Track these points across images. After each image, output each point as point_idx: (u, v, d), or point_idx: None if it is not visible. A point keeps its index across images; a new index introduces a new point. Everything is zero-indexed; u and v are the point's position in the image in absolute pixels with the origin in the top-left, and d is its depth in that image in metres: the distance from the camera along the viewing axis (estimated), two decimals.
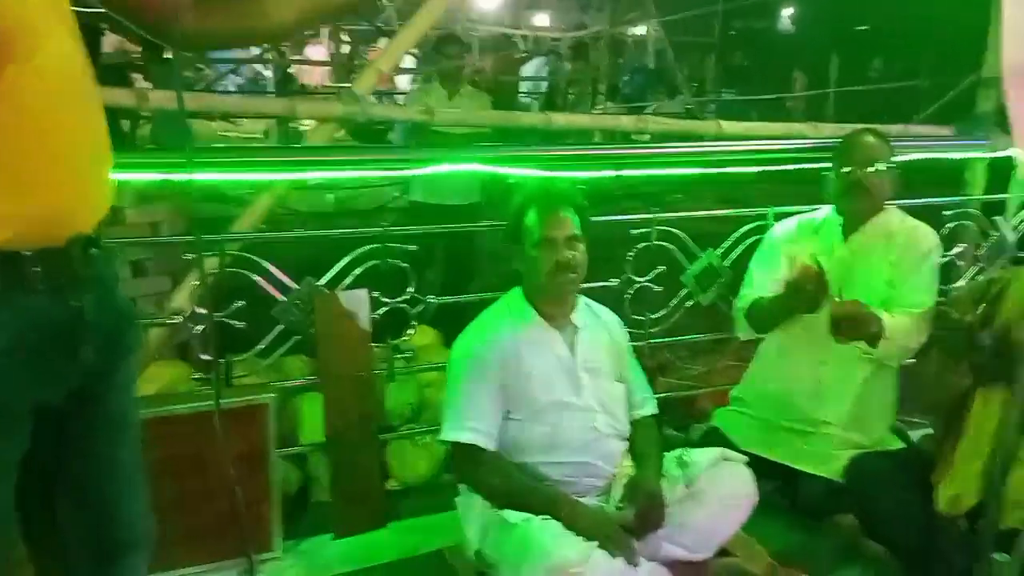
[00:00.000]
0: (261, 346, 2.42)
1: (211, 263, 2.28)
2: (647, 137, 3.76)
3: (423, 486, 2.72)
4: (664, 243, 2.83)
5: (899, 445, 2.49)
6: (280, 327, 2.40)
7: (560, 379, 2.07)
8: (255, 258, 2.34)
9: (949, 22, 5.93)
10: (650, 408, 2.25)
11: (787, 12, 14.55)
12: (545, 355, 2.07)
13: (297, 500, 2.60)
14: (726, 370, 3.33)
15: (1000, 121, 3.02)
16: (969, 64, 3.21)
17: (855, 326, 2.22)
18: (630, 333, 2.30)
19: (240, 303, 2.33)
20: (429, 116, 2.46)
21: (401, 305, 2.55)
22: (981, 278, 2.41)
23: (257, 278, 2.34)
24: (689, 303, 2.92)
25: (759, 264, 2.65)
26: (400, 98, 8.34)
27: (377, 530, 2.45)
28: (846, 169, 2.45)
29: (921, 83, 6.39)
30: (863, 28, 10.85)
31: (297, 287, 2.39)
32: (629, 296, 2.81)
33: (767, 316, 2.53)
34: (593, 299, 2.26)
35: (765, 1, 12.94)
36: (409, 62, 9.28)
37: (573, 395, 2.06)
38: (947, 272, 3.09)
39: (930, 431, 2.41)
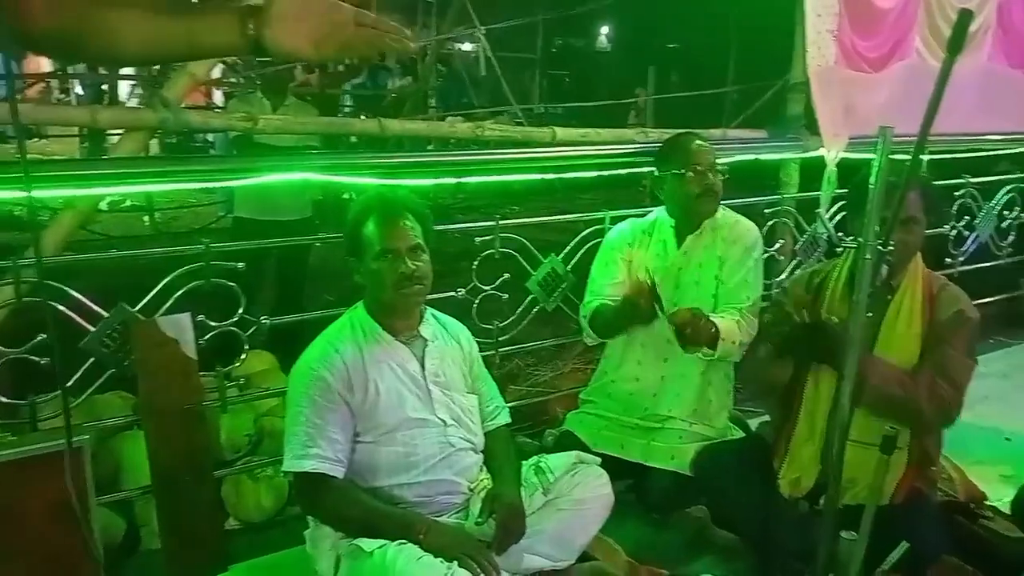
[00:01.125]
0: (69, 384, 2.14)
1: (5, 293, 2.00)
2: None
3: (267, 522, 2.53)
4: (508, 251, 2.81)
5: (740, 434, 2.60)
6: (91, 360, 2.14)
7: (410, 395, 1.97)
8: (59, 286, 2.08)
9: (755, 34, 6.39)
10: (503, 418, 2.20)
11: (603, 30, 15.25)
12: (393, 372, 1.97)
13: (123, 550, 2.34)
14: (575, 373, 3.39)
15: (809, 123, 3.24)
16: (775, 72, 3.42)
17: (696, 333, 2.31)
18: (479, 343, 2.25)
19: (42, 336, 2.05)
20: (251, 123, 2.28)
21: (230, 329, 2.36)
22: (802, 271, 2.56)
23: (62, 308, 2.07)
24: (535, 309, 2.91)
25: (599, 268, 2.69)
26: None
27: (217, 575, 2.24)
28: (691, 174, 2.50)
29: (730, 91, 6.88)
30: (673, 45, 11.57)
31: (108, 315, 2.14)
32: (476, 305, 2.76)
33: (607, 325, 2.60)
34: (440, 310, 2.18)
35: (583, 21, 13.51)
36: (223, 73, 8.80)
37: (425, 411, 1.98)
38: (769, 267, 3.28)
39: (767, 418, 2.51)
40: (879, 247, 1.71)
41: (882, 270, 1.82)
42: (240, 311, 2.35)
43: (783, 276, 3.22)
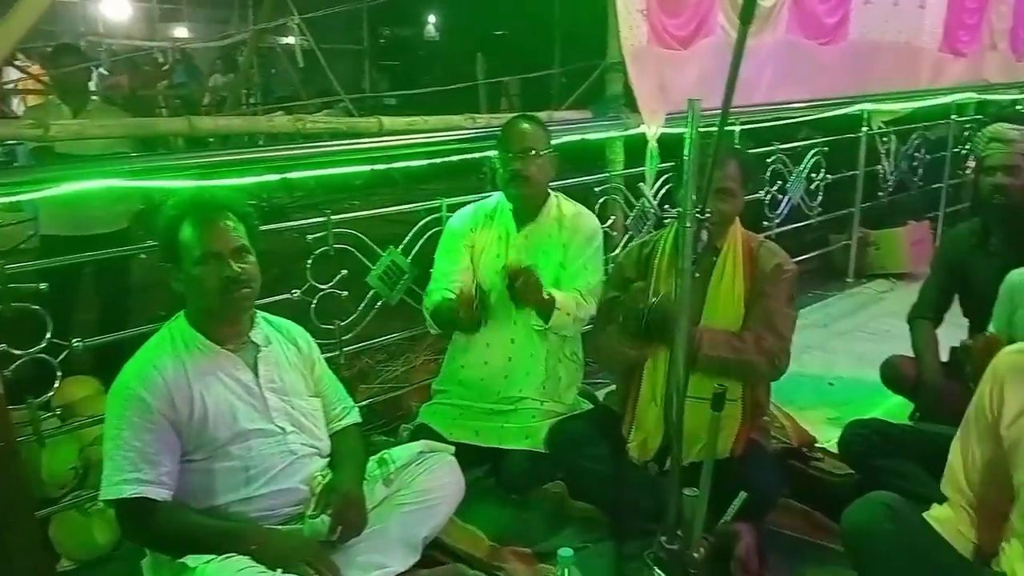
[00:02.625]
0: None
1: None
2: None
3: (104, 558, 2.34)
4: (344, 246, 2.73)
5: (589, 407, 2.67)
6: None
7: (245, 406, 1.87)
8: None
9: (577, 16, 6.55)
10: (352, 418, 2.14)
11: (431, 19, 15.20)
12: (222, 383, 1.86)
13: None
14: (427, 365, 3.35)
15: (628, 101, 3.35)
16: (598, 53, 3.51)
17: (527, 286, 2.36)
18: (321, 344, 2.16)
19: None
20: (42, 130, 2.07)
21: (40, 356, 2.15)
22: (633, 244, 2.65)
23: None
24: (378, 304, 2.85)
25: (443, 256, 2.68)
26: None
27: None
28: (506, 158, 2.55)
29: (557, 74, 7.03)
30: (500, 32, 11.71)
31: None
32: (314, 306, 2.66)
33: (445, 323, 2.62)
34: (276, 314, 2.08)
35: (409, 10, 13.40)
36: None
37: (262, 420, 1.89)
38: (604, 243, 3.38)
39: (614, 388, 2.59)
40: (698, 215, 1.78)
41: (703, 235, 1.91)
42: (48, 336, 2.14)
43: (617, 250, 3.32)
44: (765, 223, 4.40)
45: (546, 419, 2.51)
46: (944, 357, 2.74)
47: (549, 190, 2.66)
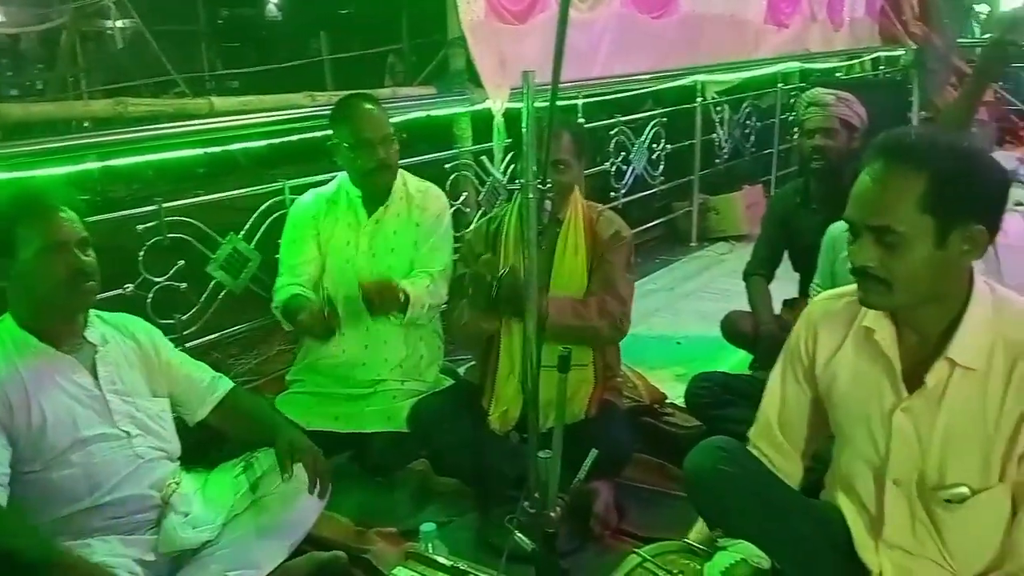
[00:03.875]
0: None
1: None
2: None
3: None
4: (180, 235, 2.59)
5: (450, 382, 2.67)
6: None
7: (85, 411, 1.76)
8: None
9: None
10: (225, 384, 2.06)
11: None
12: (61, 388, 1.74)
13: None
14: (281, 355, 3.25)
15: (472, 76, 3.36)
16: (439, 28, 3.49)
17: (384, 303, 2.34)
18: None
19: None
20: None
21: None
22: (481, 219, 2.67)
23: None
24: (222, 295, 2.73)
25: (288, 247, 2.60)
26: None
27: None
28: (363, 146, 2.44)
29: (399, 50, 6.94)
30: (345, 11, 11.43)
31: None
32: (150, 300, 2.52)
33: (297, 325, 2.51)
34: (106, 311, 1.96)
35: None
36: None
37: (104, 425, 1.78)
38: (457, 219, 3.39)
39: (473, 363, 2.61)
40: (539, 186, 1.81)
41: (547, 207, 1.95)
42: None
43: (471, 227, 3.33)
44: (612, 193, 4.55)
45: (407, 399, 2.49)
46: (778, 310, 2.94)
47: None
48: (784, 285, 3.00)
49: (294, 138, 2.88)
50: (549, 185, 1.82)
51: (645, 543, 1.68)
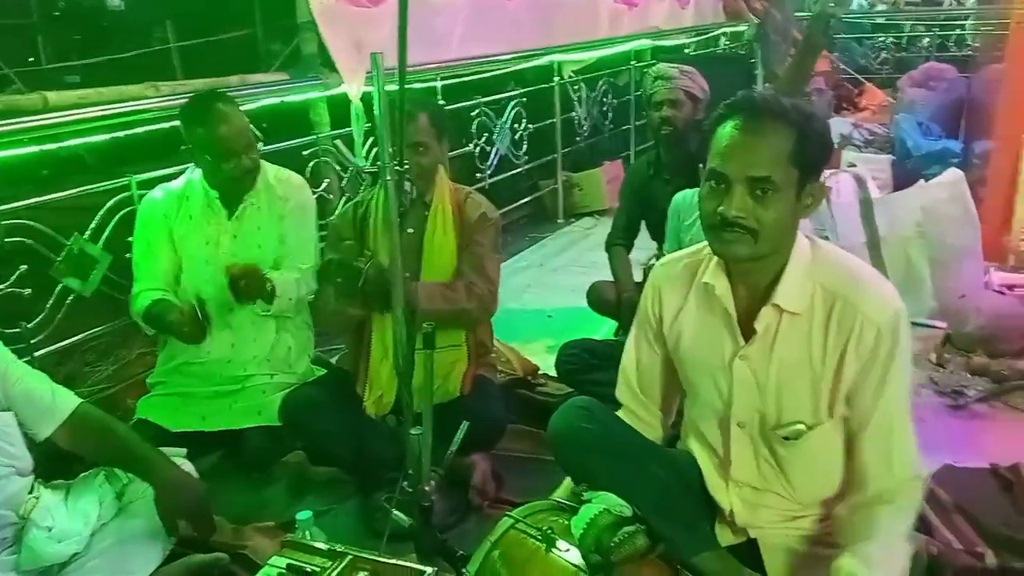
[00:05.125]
0: None
1: None
2: None
3: None
4: (21, 239, 2.44)
5: (322, 372, 2.65)
6: None
7: None
8: None
9: None
10: (71, 400, 1.89)
11: None
12: None
13: None
14: (141, 359, 3.11)
15: (326, 61, 3.30)
16: (289, 13, 3.41)
17: (250, 287, 2.31)
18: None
19: None
20: None
21: None
22: (347, 205, 2.65)
23: None
24: (70, 299, 2.59)
25: (140, 250, 2.50)
26: None
27: None
28: (225, 152, 2.36)
29: (248, 35, 6.69)
30: None
31: None
32: None
33: (163, 330, 2.47)
34: None
35: None
36: None
37: None
38: (320, 207, 3.34)
39: (346, 351, 2.59)
40: (397, 168, 1.82)
41: (410, 189, 1.96)
42: None
43: (337, 213, 3.30)
44: (478, 175, 4.59)
45: (278, 391, 2.46)
46: (639, 277, 3.07)
47: (254, 159, 2.55)
48: (645, 254, 3.13)
49: (140, 131, 2.75)
50: (408, 167, 1.83)
51: None
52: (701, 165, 1.51)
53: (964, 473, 2.36)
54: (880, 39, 9.12)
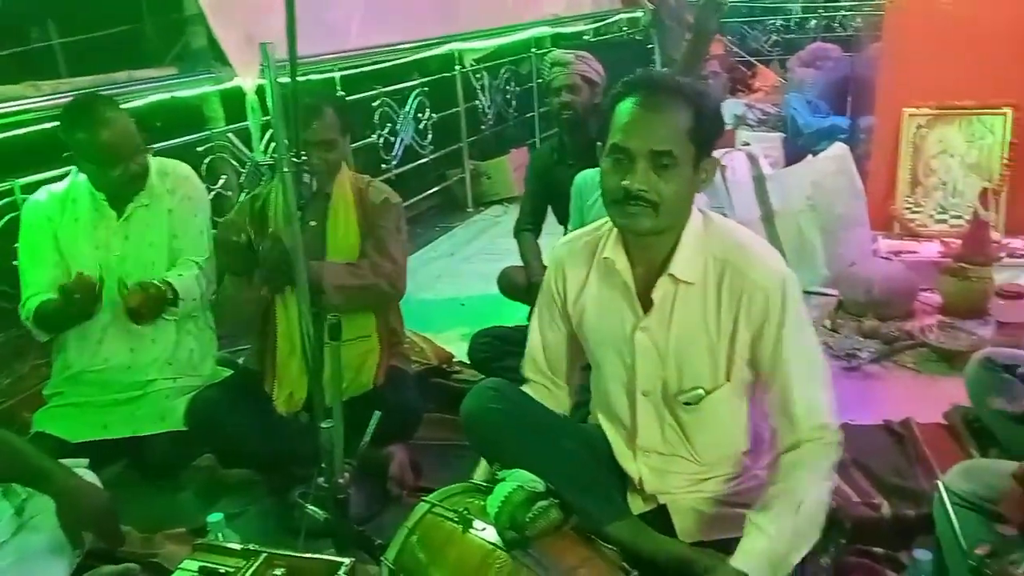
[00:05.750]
0: None
1: None
2: None
3: None
4: None
5: (229, 373, 2.59)
6: None
7: None
8: None
9: None
10: None
11: None
12: None
13: None
14: (36, 370, 2.97)
15: (217, 54, 3.20)
16: (174, 6, 3.30)
17: (152, 310, 2.28)
18: None
19: None
20: None
21: None
22: (243, 199, 2.58)
23: None
24: None
25: (26, 256, 2.38)
26: None
27: None
28: (109, 158, 2.26)
29: (132, 30, 6.43)
30: None
31: None
32: None
33: (52, 324, 2.35)
34: None
35: None
36: None
37: None
38: (220, 204, 3.25)
39: (252, 349, 2.54)
40: (294, 160, 1.79)
41: (310, 181, 1.93)
42: None
43: (236, 207, 3.21)
44: (383, 165, 4.55)
45: (182, 395, 2.38)
46: (547, 261, 3.10)
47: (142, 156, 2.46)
48: (553, 239, 3.17)
49: (21, 132, 2.61)
50: (313, 162, 1.81)
51: None
52: (600, 143, 1.55)
53: (860, 430, 2.49)
54: (770, 22, 9.46)
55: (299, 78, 1.79)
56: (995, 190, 3.76)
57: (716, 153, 1.59)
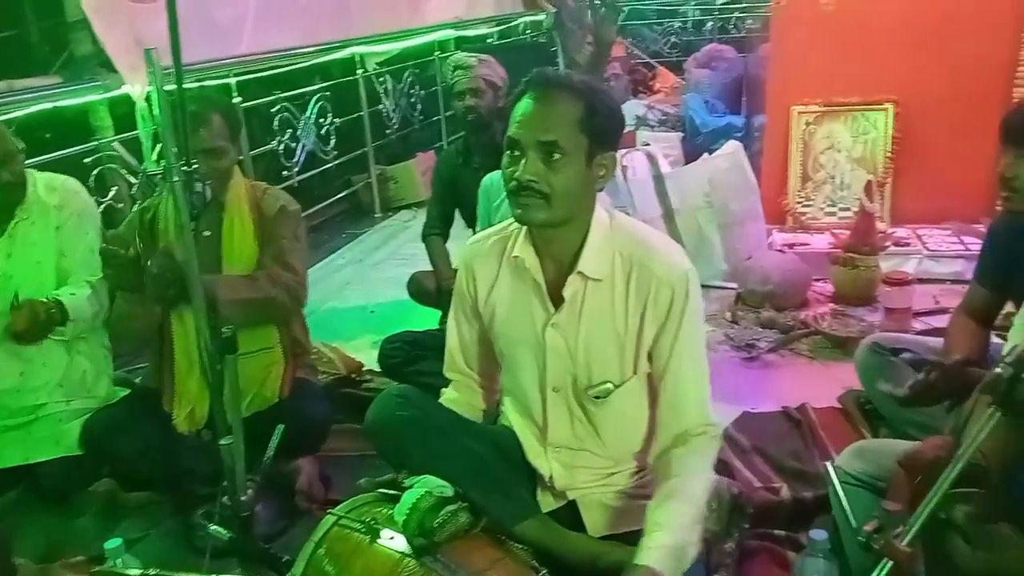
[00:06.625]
0: None
1: None
2: None
3: None
4: None
5: (126, 392, 2.49)
6: None
7: None
8: None
9: None
10: None
11: None
12: None
13: None
14: None
15: (104, 61, 3.07)
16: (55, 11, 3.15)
17: (43, 330, 2.21)
18: None
19: None
20: None
21: None
22: (133, 211, 2.48)
23: None
24: None
25: None
26: None
27: None
28: None
29: (25, 36, 6.12)
30: None
31: None
32: None
33: None
34: None
35: None
36: None
37: None
38: (112, 217, 3.12)
39: (149, 367, 2.45)
40: (184, 168, 1.73)
41: (204, 189, 1.87)
42: None
43: (126, 220, 3.09)
44: (285, 172, 4.45)
45: (77, 418, 2.28)
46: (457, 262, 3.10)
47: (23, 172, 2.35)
48: (464, 243, 3.16)
49: None
50: (204, 170, 1.76)
51: None
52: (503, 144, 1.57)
53: (760, 418, 2.59)
54: (668, 24, 9.71)
55: (193, 84, 1.74)
56: (880, 182, 3.96)
57: (616, 154, 1.62)
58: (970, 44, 3.73)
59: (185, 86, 1.69)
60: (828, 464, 1.56)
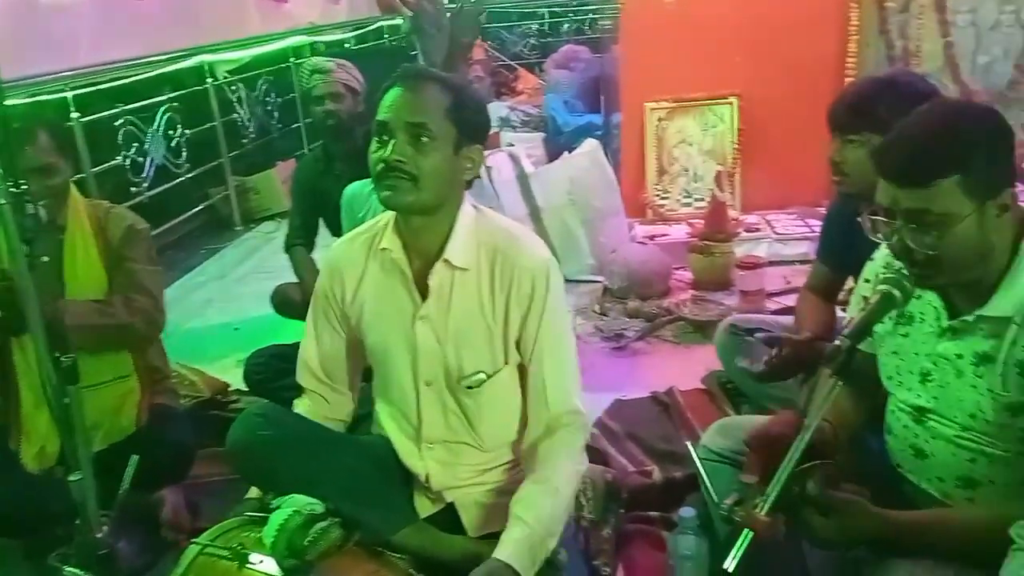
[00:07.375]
0: None
1: None
2: None
3: None
4: None
5: None
6: None
7: None
8: None
9: None
10: None
11: None
12: None
13: None
14: None
15: None
16: None
17: None
18: None
19: None
20: None
21: None
22: None
23: None
24: None
25: None
26: None
27: None
28: None
29: None
30: None
31: None
32: None
33: None
34: None
35: None
36: None
37: None
38: None
39: None
40: (13, 190, 1.61)
41: (37, 211, 1.74)
42: None
43: None
44: (133, 188, 4.22)
45: None
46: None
47: None
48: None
49: None
50: (34, 190, 1.63)
51: None
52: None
53: (631, 404, 2.67)
54: (527, 26, 9.85)
55: (24, 100, 1.62)
56: (729, 172, 4.18)
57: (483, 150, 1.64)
58: (804, 42, 3.98)
59: (13, 102, 1.57)
60: (689, 444, 1.62)
